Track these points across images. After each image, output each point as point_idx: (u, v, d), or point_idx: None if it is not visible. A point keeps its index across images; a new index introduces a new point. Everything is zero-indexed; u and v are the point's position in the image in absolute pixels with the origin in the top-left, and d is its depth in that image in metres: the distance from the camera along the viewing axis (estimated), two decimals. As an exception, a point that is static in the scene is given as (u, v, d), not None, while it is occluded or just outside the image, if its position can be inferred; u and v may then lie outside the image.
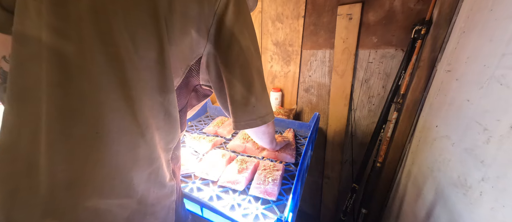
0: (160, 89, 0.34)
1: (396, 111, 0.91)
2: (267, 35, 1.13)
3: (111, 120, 0.30)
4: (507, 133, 0.46)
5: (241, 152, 0.82)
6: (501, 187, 0.47)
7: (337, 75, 1.02)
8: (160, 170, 0.38)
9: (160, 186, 0.39)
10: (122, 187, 0.33)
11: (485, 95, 0.54)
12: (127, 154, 0.32)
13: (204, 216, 0.56)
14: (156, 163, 0.36)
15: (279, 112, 1.11)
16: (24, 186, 0.29)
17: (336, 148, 1.14)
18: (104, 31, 0.28)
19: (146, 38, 0.31)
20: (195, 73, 0.43)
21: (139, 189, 0.35)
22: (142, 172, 0.35)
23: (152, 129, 0.34)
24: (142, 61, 0.31)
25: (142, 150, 0.33)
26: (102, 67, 0.28)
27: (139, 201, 0.36)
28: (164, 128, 0.36)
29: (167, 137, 0.38)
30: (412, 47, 0.82)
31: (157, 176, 0.38)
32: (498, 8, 0.54)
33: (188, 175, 0.68)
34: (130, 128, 0.32)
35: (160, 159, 0.37)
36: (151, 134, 0.34)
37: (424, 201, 0.75)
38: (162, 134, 0.37)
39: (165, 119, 0.36)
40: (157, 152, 0.36)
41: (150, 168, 0.36)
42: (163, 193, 0.40)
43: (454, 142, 0.64)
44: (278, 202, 0.58)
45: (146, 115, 0.33)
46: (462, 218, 0.57)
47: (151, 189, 0.37)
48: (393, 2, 0.83)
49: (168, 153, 0.40)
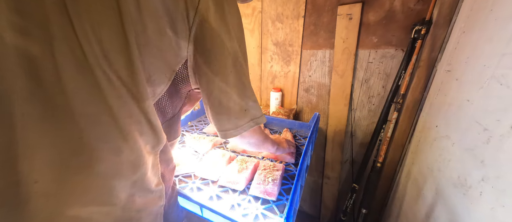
0: (134, 96, 0.32)
1: (396, 111, 0.91)
2: (267, 35, 1.13)
3: (90, 126, 0.28)
4: (507, 133, 0.46)
5: (241, 152, 0.82)
6: (501, 187, 0.47)
7: (337, 75, 1.02)
8: (146, 176, 0.36)
9: (146, 192, 0.37)
10: (105, 195, 0.32)
11: (485, 95, 0.54)
12: (110, 160, 0.31)
13: (204, 216, 0.56)
14: (142, 169, 0.35)
15: (279, 112, 1.11)
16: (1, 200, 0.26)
17: (336, 148, 1.14)
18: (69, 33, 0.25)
19: (112, 40, 0.28)
20: (185, 78, 0.41)
21: (123, 196, 0.34)
22: (126, 179, 0.33)
23: (134, 134, 0.33)
24: (111, 66, 0.29)
25: (126, 156, 0.32)
26: (72, 72, 0.26)
27: (123, 208, 0.34)
28: (148, 134, 0.35)
29: (152, 141, 0.37)
30: (412, 47, 0.82)
31: (143, 182, 0.36)
32: (498, 8, 0.54)
33: (188, 175, 0.68)
34: (112, 133, 0.30)
35: (145, 164, 0.36)
36: (134, 139, 0.33)
37: (424, 201, 0.75)
38: (147, 139, 0.35)
39: (148, 126, 0.35)
40: (141, 158, 0.35)
41: (135, 175, 0.34)
42: (150, 198, 0.39)
43: (454, 142, 0.64)
44: (278, 202, 0.58)
45: (126, 121, 0.31)
46: (462, 218, 0.57)
47: (137, 195, 0.36)
48: (393, 2, 0.83)
49: (155, 156, 0.39)
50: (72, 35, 0.25)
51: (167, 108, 0.44)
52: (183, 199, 0.56)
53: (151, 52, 0.33)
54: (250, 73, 1.27)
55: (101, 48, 0.28)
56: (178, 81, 0.41)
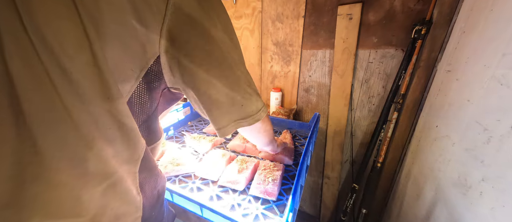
0: (102, 96, 0.29)
1: (396, 111, 0.91)
2: (267, 35, 1.13)
3: (45, 132, 0.26)
4: (508, 133, 0.46)
5: (241, 152, 0.81)
6: (502, 187, 0.47)
7: (337, 75, 1.02)
8: (118, 185, 0.33)
9: (120, 202, 0.34)
10: (69, 206, 0.29)
11: (486, 95, 0.54)
12: (72, 170, 0.28)
13: (204, 216, 0.56)
14: (112, 177, 0.32)
15: (279, 112, 1.11)
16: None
17: (336, 148, 1.14)
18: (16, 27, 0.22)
19: (70, 34, 0.25)
20: (158, 76, 0.38)
21: (91, 207, 0.31)
22: (93, 188, 0.31)
23: (100, 141, 0.30)
24: (73, 63, 0.26)
25: (92, 164, 0.29)
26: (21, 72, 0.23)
27: (93, 220, 0.32)
28: (119, 140, 0.32)
29: (127, 149, 0.33)
30: (412, 47, 0.82)
31: (115, 192, 0.33)
32: (498, 8, 0.54)
33: (188, 175, 0.68)
34: (73, 140, 0.27)
35: (117, 173, 0.33)
36: (100, 147, 0.30)
37: (424, 201, 0.75)
38: (118, 146, 0.32)
39: (119, 130, 0.31)
40: (111, 166, 0.32)
41: (105, 183, 0.32)
42: (125, 209, 0.36)
43: (454, 142, 0.64)
44: (278, 202, 0.58)
45: (90, 126, 0.28)
46: (462, 218, 0.57)
47: (108, 206, 0.33)
48: (393, 2, 0.83)
49: (133, 165, 0.36)
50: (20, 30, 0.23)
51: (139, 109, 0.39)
52: (183, 199, 0.56)
53: (113, 46, 0.29)
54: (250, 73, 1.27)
55: (56, 43, 0.24)
56: (150, 78, 0.37)
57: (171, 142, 0.88)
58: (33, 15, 0.23)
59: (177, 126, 1.01)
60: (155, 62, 0.35)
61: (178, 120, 1.01)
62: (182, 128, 1.02)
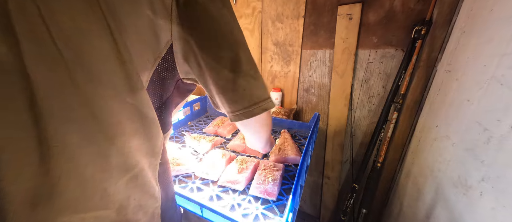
0: (126, 89, 0.29)
1: (396, 111, 0.91)
2: (267, 35, 1.13)
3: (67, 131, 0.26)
4: (508, 133, 0.46)
5: (241, 152, 0.81)
6: (502, 187, 0.47)
7: (337, 75, 1.02)
8: (139, 177, 0.34)
9: (142, 193, 0.35)
10: (96, 199, 0.30)
11: (486, 95, 0.54)
12: (96, 165, 0.29)
13: (204, 216, 0.56)
14: (134, 169, 0.33)
15: (279, 112, 1.11)
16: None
17: (336, 148, 1.14)
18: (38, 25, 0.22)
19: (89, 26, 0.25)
20: (171, 65, 0.37)
21: (116, 199, 0.32)
22: (117, 181, 0.31)
23: (124, 135, 0.30)
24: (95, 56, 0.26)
25: (115, 159, 0.30)
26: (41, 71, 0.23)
27: (118, 211, 0.33)
28: (142, 133, 0.32)
29: (150, 142, 0.34)
30: (412, 47, 0.82)
31: (137, 183, 0.34)
32: (498, 8, 0.54)
33: (188, 175, 0.68)
34: (95, 137, 0.28)
35: (139, 165, 0.33)
36: (124, 141, 0.30)
37: (424, 201, 0.75)
38: (141, 139, 0.33)
39: (141, 122, 0.32)
40: (134, 159, 0.32)
41: (127, 176, 0.32)
42: (146, 200, 0.37)
43: (454, 142, 0.64)
44: (278, 202, 0.58)
45: (113, 121, 0.29)
46: (463, 218, 0.57)
47: (132, 197, 0.34)
48: (393, 2, 0.83)
49: (156, 158, 0.36)
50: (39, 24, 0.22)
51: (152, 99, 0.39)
52: (183, 199, 0.56)
53: (131, 36, 0.30)
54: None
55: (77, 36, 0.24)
56: (163, 69, 0.37)
57: (171, 142, 0.88)
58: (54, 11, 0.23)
59: (177, 126, 1.01)
60: (168, 51, 0.35)
61: (178, 120, 1.01)
62: (182, 128, 1.02)
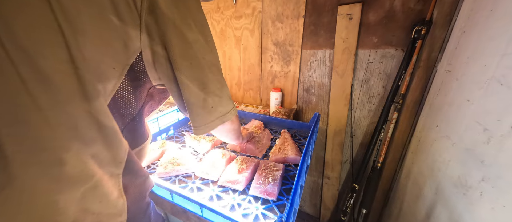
0: (81, 96, 0.28)
1: (396, 111, 0.91)
2: (267, 35, 1.13)
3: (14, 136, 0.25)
4: (508, 133, 0.46)
5: (241, 152, 0.81)
6: (502, 187, 0.47)
7: (337, 75, 1.02)
8: (98, 188, 0.32)
9: (101, 205, 0.33)
10: (45, 213, 0.28)
11: (486, 95, 0.54)
12: (48, 174, 0.27)
13: (204, 216, 0.56)
14: (91, 180, 0.31)
15: (279, 112, 1.11)
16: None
17: (336, 148, 1.14)
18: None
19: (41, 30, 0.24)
20: (142, 73, 0.37)
21: (70, 212, 0.30)
22: (70, 192, 0.29)
23: (78, 142, 0.29)
24: (47, 61, 0.25)
25: (69, 167, 0.28)
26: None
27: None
28: (100, 142, 0.31)
29: (108, 150, 0.32)
30: (412, 47, 0.82)
31: (95, 195, 0.32)
32: (499, 8, 0.54)
33: (188, 175, 0.68)
34: (47, 143, 0.26)
35: (96, 175, 0.32)
36: (78, 148, 0.29)
37: (424, 201, 0.75)
38: (98, 148, 0.31)
39: (98, 130, 0.30)
40: (90, 169, 0.31)
41: (84, 187, 0.30)
42: (107, 213, 0.35)
43: (454, 142, 0.64)
44: (278, 202, 0.58)
45: (67, 127, 0.27)
46: (463, 218, 0.57)
47: (89, 211, 0.32)
48: (393, 2, 0.83)
49: (117, 167, 0.35)
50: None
51: (123, 109, 0.39)
52: (183, 199, 0.56)
53: (93, 43, 0.28)
54: (250, 73, 1.27)
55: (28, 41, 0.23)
56: (134, 76, 0.36)
57: (171, 142, 0.88)
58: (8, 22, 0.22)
59: (177, 126, 1.01)
60: (138, 59, 0.34)
61: (178, 120, 1.01)
62: (182, 128, 1.02)
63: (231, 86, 1.37)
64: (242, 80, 1.32)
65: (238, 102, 1.37)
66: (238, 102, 1.37)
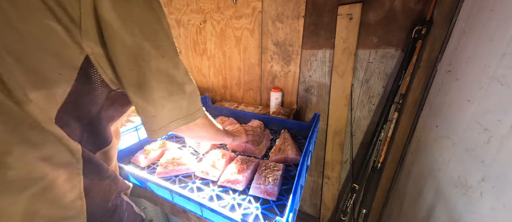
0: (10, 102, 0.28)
1: (396, 111, 0.91)
2: (267, 35, 1.13)
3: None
4: (508, 133, 0.46)
5: (241, 152, 0.81)
6: (502, 187, 0.47)
7: (337, 75, 1.02)
8: (50, 190, 0.32)
9: (54, 208, 0.33)
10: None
11: (486, 95, 0.54)
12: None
13: (204, 216, 0.56)
14: (41, 182, 0.31)
15: (279, 112, 1.11)
16: None
17: (336, 148, 1.14)
18: None
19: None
20: (95, 77, 0.35)
21: (15, 215, 0.30)
22: (16, 195, 0.29)
23: (21, 145, 0.29)
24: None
25: (12, 171, 0.28)
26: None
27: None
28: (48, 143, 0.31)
29: (61, 152, 0.32)
30: (412, 47, 0.82)
31: (46, 198, 0.32)
32: (499, 8, 0.54)
33: (188, 175, 0.68)
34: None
35: (48, 177, 0.31)
36: (22, 151, 0.29)
37: (424, 201, 0.75)
38: (48, 150, 0.31)
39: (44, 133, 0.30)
40: (39, 170, 0.30)
41: (31, 190, 0.30)
42: (60, 216, 0.34)
43: (454, 142, 0.64)
44: (278, 202, 0.58)
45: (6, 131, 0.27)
46: (463, 218, 0.57)
47: (39, 214, 0.32)
48: (393, 2, 0.83)
49: (71, 168, 0.34)
50: None
51: (79, 112, 0.37)
52: (183, 199, 0.56)
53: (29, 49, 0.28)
54: (250, 73, 1.27)
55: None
56: (87, 80, 0.35)
57: (171, 142, 0.88)
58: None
59: (177, 126, 1.01)
60: (86, 63, 0.33)
61: (178, 120, 1.01)
62: (182, 128, 1.01)
63: (231, 86, 1.37)
64: (242, 80, 1.32)
65: (238, 102, 1.37)
66: (238, 102, 1.37)
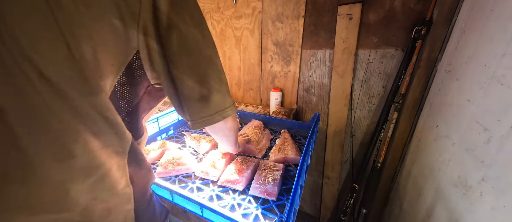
0: (84, 92, 0.29)
1: (396, 111, 0.91)
2: (267, 35, 1.13)
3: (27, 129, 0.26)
4: (508, 133, 0.46)
5: (241, 152, 0.81)
6: (502, 187, 0.47)
7: (337, 75, 1.02)
8: (107, 178, 0.34)
9: (109, 194, 0.35)
10: (57, 201, 0.30)
11: (486, 95, 0.54)
12: (58, 165, 0.29)
13: (204, 216, 0.56)
14: (100, 170, 0.33)
15: (279, 112, 1.11)
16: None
17: (336, 148, 1.14)
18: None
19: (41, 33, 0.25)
20: (139, 71, 0.38)
21: (81, 201, 0.31)
22: (81, 183, 0.31)
23: (86, 134, 0.30)
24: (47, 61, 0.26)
25: (78, 159, 0.30)
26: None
27: (82, 214, 0.32)
28: (106, 132, 0.33)
29: (115, 141, 0.34)
30: (412, 47, 0.82)
31: (105, 185, 0.34)
32: (499, 8, 0.54)
33: (188, 175, 0.68)
34: (58, 135, 0.28)
35: (105, 165, 0.33)
36: (87, 139, 0.30)
37: (424, 201, 0.75)
38: (106, 138, 0.33)
39: (104, 122, 0.32)
40: (99, 159, 0.32)
41: (92, 177, 0.32)
42: (115, 202, 0.36)
43: (454, 142, 0.64)
44: (278, 202, 0.58)
45: (75, 120, 0.29)
46: (463, 218, 0.57)
47: (98, 199, 0.34)
48: (393, 2, 0.83)
49: (121, 157, 0.36)
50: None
51: (120, 104, 0.40)
52: (183, 199, 0.56)
53: (93, 42, 0.30)
54: (250, 73, 1.27)
55: (29, 43, 0.25)
56: (131, 74, 0.37)
57: (171, 142, 0.88)
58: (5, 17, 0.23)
59: (177, 126, 1.01)
60: (135, 58, 0.35)
61: (178, 120, 1.01)
62: (182, 128, 1.02)
63: (231, 86, 1.37)
64: (242, 80, 1.32)
65: (238, 102, 1.37)
66: (238, 102, 1.37)
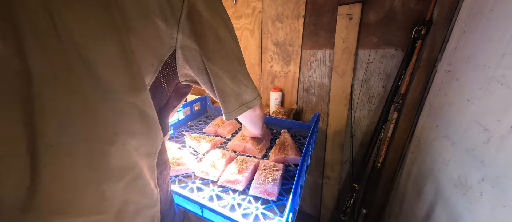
0: (129, 88, 0.30)
1: (396, 111, 0.91)
2: (267, 35, 1.13)
3: (63, 129, 0.25)
4: (508, 133, 0.46)
5: (241, 152, 0.81)
6: (502, 187, 0.47)
7: (337, 75, 1.02)
8: (138, 179, 0.34)
9: (140, 196, 0.35)
10: (93, 203, 0.29)
11: (486, 95, 0.54)
12: (94, 166, 0.28)
13: (204, 216, 0.56)
14: (133, 171, 0.33)
15: (279, 112, 1.11)
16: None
17: (336, 148, 1.14)
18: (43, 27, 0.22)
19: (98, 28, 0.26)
20: (172, 70, 0.40)
21: (115, 202, 0.31)
22: (115, 184, 0.31)
23: (124, 135, 0.30)
24: (99, 56, 0.26)
25: (114, 160, 0.30)
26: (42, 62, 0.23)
27: (116, 216, 0.32)
28: (141, 132, 0.33)
29: (148, 142, 0.34)
30: (412, 47, 0.82)
31: (136, 186, 0.34)
32: (499, 8, 0.54)
33: (188, 175, 0.68)
34: (95, 135, 0.27)
35: (137, 166, 0.33)
36: (123, 141, 0.30)
37: (424, 201, 0.75)
38: (140, 139, 0.33)
39: (142, 122, 0.32)
40: (132, 160, 0.32)
41: (126, 178, 0.32)
42: (145, 203, 0.36)
43: (454, 142, 0.64)
44: (278, 202, 0.58)
45: (113, 120, 0.29)
46: (463, 218, 0.57)
47: (130, 201, 0.34)
48: (393, 2, 0.83)
49: (152, 158, 0.36)
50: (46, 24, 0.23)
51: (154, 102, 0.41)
52: (183, 199, 0.56)
53: (139, 40, 0.31)
54: (250, 73, 1.27)
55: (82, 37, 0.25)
56: (166, 72, 0.39)
57: (171, 142, 0.88)
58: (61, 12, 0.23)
59: (177, 126, 1.01)
60: (170, 57, 0.37)
61: (178, 120, 1.01)
62: (182, 128, 1.02)
63: (231, 86, 1.37)
64: (242, 80, 1.32)
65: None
66: (238, 102, 1.37)
